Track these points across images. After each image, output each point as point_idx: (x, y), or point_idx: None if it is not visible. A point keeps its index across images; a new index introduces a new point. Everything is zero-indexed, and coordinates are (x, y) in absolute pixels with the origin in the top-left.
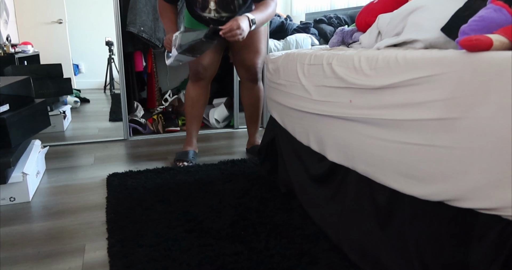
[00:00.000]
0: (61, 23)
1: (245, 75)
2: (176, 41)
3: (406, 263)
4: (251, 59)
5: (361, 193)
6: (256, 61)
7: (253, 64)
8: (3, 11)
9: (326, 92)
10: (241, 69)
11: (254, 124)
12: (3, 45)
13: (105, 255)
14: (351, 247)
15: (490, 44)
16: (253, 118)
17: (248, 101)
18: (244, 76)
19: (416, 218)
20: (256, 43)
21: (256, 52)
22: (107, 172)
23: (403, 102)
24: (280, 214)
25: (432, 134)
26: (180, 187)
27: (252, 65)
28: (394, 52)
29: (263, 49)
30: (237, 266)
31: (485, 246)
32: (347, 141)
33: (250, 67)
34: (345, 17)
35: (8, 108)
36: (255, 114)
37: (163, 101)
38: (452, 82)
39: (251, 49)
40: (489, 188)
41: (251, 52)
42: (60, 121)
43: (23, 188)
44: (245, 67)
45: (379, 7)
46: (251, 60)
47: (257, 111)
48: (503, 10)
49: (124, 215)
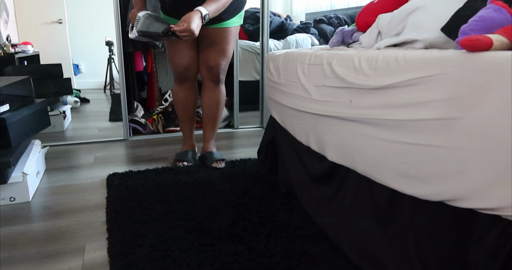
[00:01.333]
0: (61, 23)
1: (207, 75)
2: (138, 24)
3: (406, 263)
4: (215, 59)
5: (361, 193)
6: (220, 62)
7: (217, 64)
8: (3, 11)
9: (326, 92)
10: (203, 68)
11: (211, 129)
12: (3, 45)
13: (105, 255)
14: (351, 247)
15: (490, 44)
16: (211, 122)
17: (207, 103)
18: (206, 76)
19: (416, 218)
20: (223, 43)
21: (222, 52)
22: (107, 172)
23: (403, 102)
24: (280, 214)
25: (432, 134)
26: (180, 187)
27: (215, 65)
28: (394, 52)
29: (229, 50)
30: (237, 266)
31: (485, 246)
32: (347, 141)
33: (213, 67)
34: (345, 17)
35: (8, 108)
36: (212, 118)
37: (163, 101)
38: (452, 82)
39: (217, 48)
40: (489, 188)
41: (216, 52)
42: (60, 121)
43: (23, 188)
44: (208, 67)
45: (379, 7)
46: (214, 60)
47: (215, 115)
48: (503, 10)
49: (124, 215)
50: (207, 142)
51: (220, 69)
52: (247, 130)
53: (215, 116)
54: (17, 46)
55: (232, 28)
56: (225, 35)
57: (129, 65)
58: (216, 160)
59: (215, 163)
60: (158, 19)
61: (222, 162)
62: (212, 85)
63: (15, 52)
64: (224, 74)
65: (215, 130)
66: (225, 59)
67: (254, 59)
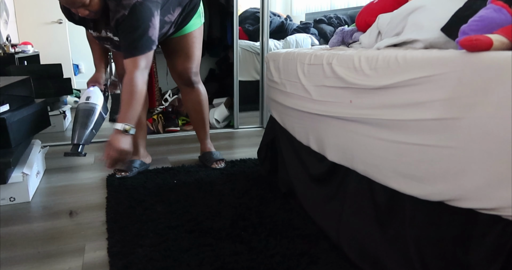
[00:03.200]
0: (61, 23)
1: (178, 80)
2: (84, 97)
3: (406, 263)
4: (181, 64)
5: (361, 193)
6: (188, 66)
7: (184, 69)
8: (3, 11)
9: (326, 92)
10: (173, 73)
11: (202, 130)
12: (3, 45)
13: (105, 255)
14: (351, 247)
15: (490, 44)
16: (200, 123)
17: (189, 106)
18: (178, 81)
19: (416, 218)
20: (186, 48)
21: (187, 57)
22: (107, 172)
23: (403, 102)
24: (280, 214)
25: (432, 134)
26: (180, 187)
27: (183, 70)
28: (394, 52)
29: (195, 53)
30: (237, 266)
31: (485, 246)
32: (347, 141)
33: (181, 72)
34: (345, 17)
35: (8, 108)
36: (200, 119)
37: (163, 101)
38: (452, 82)
39: (181, 54)
40: (489, 188)
41: (181, 57)
42: (60, 121)
43: (23, 188)
44: (177, 72)
45: (379, 7)
46: (181, 65)
47: (201, 116)
48: (503, 10)
49: (124, 215)
50: (203, 142)
51: (190, 72)
52: (247, 130)
53: (201, 116)
54: (17, 46)
55: (194, 31)
56: (189, 41)
57: None
58: (216, 160)
59: (215, 163)
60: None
61: (221, 162)
62: (187, 88)
63: (15, 52)
64: (197, 75)
65: (207, 129)
66: (194, 62)
67: (254, 59)
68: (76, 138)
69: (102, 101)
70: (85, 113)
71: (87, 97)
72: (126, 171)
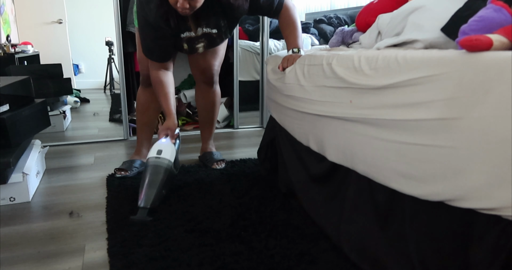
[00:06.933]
0: (61, 23)
1: (200, 77)
2: (154, 151)
3: (406, 263)
4: (207, 60)
5: (361, 193)
6: (213, 63)
7: (209, 65)
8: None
9: (326, 93)
10: (195, 70)
11: (208, 130)
12: (3, 45)
13: (105, 255)
14: (351, 247)
15: (490, 44)
16: (207, 124)
17: (202, 105)
18: (199, 78)
19: (416, 218)
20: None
21: (214, 53)
22: (107, 172)
23: (403, 102)
24: (280, 214)
25: (432, 134)
26: (180, 187)
27: (208, 67)
28: (394, 52)
29: (221, 51)
30: (237, 266)
31: (485, 246)
32: (347, 141)
33: (205, 69)
34: (345, 17)
35: (8, 108)
36: (209, 119)
37: None
38: (452, 82)
39: (208, 50)
40: (489, 188)
41: (208, 53)
42: (60, 121)
43: (23, 188)
44: (200, 69)
45: (379, 7)
46: (207, 62)
47: (211, 116)
48: (503, 10)
49: (124, 215)
50: (205, 142)
51: (213, 70)
52: (247, 130)
53: (211, 117)
54: (17, 46)
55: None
56: None
57: (129, 65)
58: (216, 160)
59: (215, 164)
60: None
61: (222, 162)
62: (206, 87)
63: (15, 52)
64: (217, 74)
65: (213, 131)
66: (218, 59)
67: (254, 59)
68: (143, 201)
69: (174, 155)
70: (155, 170)
71: (158, 150)
72: (126, 170)
